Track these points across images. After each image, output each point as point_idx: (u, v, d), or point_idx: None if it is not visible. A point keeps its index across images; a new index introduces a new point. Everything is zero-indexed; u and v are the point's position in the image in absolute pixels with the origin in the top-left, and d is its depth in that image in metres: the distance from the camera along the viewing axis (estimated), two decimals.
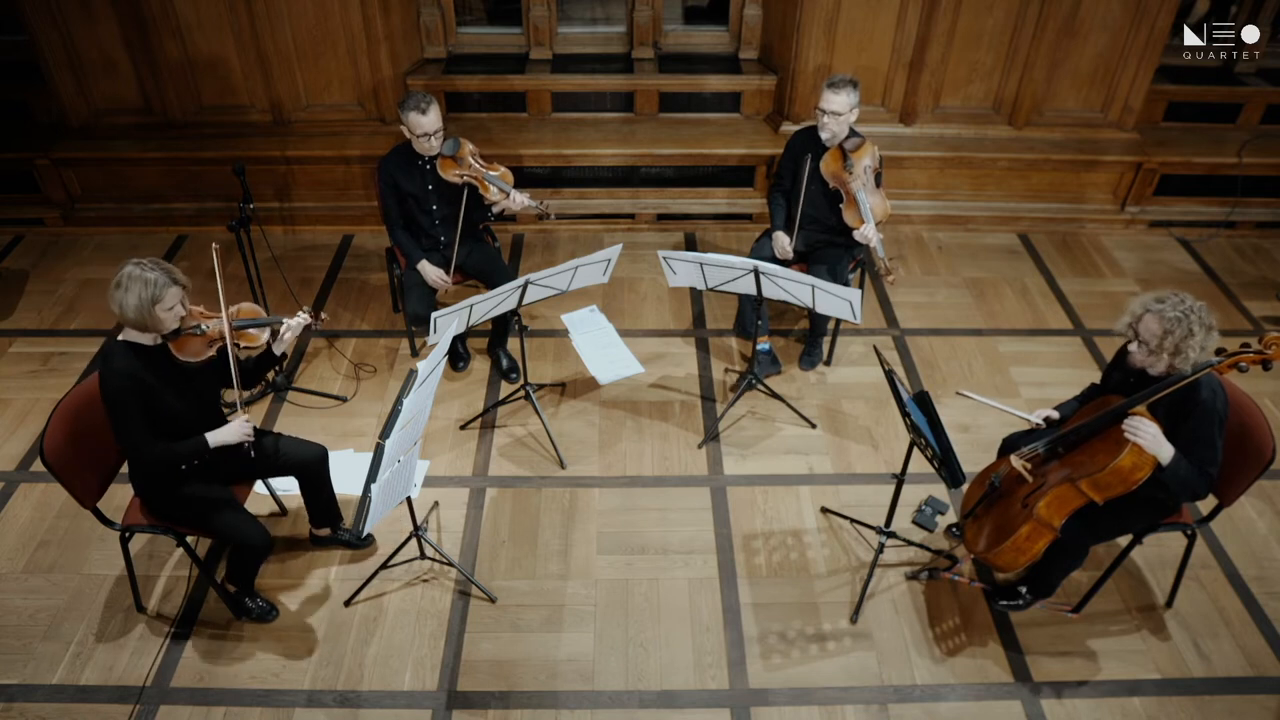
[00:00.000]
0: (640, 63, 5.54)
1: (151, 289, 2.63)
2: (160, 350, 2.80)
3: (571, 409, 4.10)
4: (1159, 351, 2.63)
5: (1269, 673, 3.06)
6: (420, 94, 3.82)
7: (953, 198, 5.43)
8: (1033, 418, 3.05)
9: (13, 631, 3.14)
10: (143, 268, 2.64)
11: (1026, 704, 2.95)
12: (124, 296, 2.63)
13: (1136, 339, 2.70)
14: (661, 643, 3.13)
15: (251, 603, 3.16)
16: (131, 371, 2.70)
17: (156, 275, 2.64)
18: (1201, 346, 2.59)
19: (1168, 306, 2.60)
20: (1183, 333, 2.57)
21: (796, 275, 3.48)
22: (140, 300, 2.63)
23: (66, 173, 5.21)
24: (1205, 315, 2.60)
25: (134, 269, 2.64)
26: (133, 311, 2.64)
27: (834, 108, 3.83)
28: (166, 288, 2.66)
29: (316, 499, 3.28)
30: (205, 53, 4.97)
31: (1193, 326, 2.57)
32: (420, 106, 3.78)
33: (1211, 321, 2.60)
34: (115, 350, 2.74)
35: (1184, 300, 2.61)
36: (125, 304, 2.63)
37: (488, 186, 3.95)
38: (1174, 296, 2.62)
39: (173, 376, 2.82)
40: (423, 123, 3.79)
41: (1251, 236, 5.45)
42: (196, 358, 2.83)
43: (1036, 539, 2.84)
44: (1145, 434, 2.60)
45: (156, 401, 2.76)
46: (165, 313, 2.69)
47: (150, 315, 2.66)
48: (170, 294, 2.67)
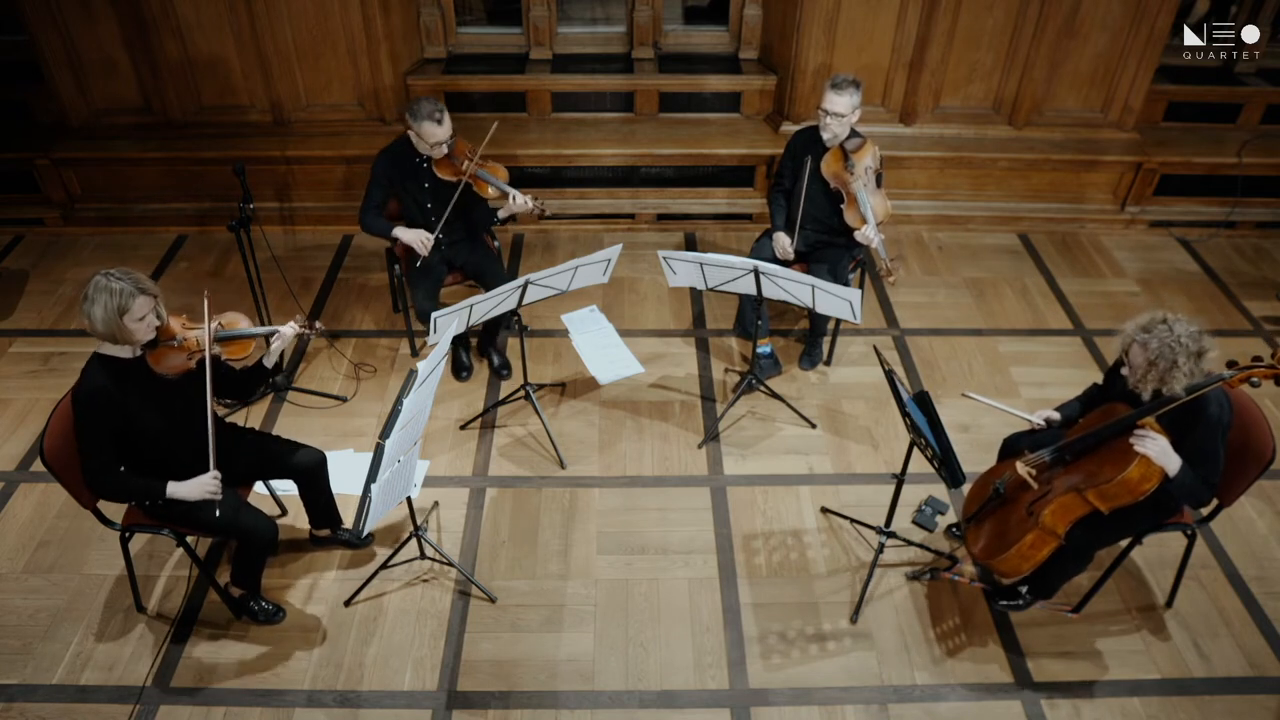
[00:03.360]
0: (640, 63, 5.54)
1: (118, 299, 2.53)
2: (138, 364, 2.72)
3: (571, 409, 4.10)
4: (1144, 381, 2.64)
5: (1269, 673, 3.06)
6: (432, 101, 3.77)
7: (953, 198, 5.43)
8: (1034, 418, 3.04)
9: (13, 631, 3.14)
10: (109, 278, 2.55)
11: (1026, 704, 2.95)
12: (90, 308, 2.54)
13: (1126, 363, 2.71)
14: (661, 643, 3.14)
15: (258, 605, 3.15)
16: (100, 388, 2.62)
17: (123, 285, 2.54)
18: (1189, 373, 2.56)
19: (1151, 337, 2.58)
20: (1166, 364, 2.56)
21: (796, 275, 3.48)
22: (107, 311, 2.53)
23: (66, 173, 5.21)
24: (1193, 342, 2.55)
25: (100, 279, 2.55)
26: (101, 324, 2.55)
27: (836, 108, 3.82)
28: (133, 297, 2.55)
29: (315, 503, 3.28)
30: (205, 53, 4.97)
31: (1177, 358, 2.54)
32: (435, 116, 3.74)
33: (1202, 346, 2.56)
34: (89, 366, 2.67)
35: (1171, 329, 2.56)
36: (93, 316, 2.55)
37: (484, 185, 3.94)
38: (1161, 325, 2.58)
39: (151, 391, 2.73)
40: (437, 133, 3.77)
41: (1251, 236, 5.45)
42: (174, 371, 2.74)
43: (1041, 546, 2.83)
44: (1154, 447, 2.60)
45: (131, 418, 2.68)
46: (135, 323, 2.59)
47: (119, 326, 2.57)
48: (138, 304, 2.57)
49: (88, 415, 2.64)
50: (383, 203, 4.02)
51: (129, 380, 2.69)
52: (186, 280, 4.91)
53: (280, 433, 3.70)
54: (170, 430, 2.79)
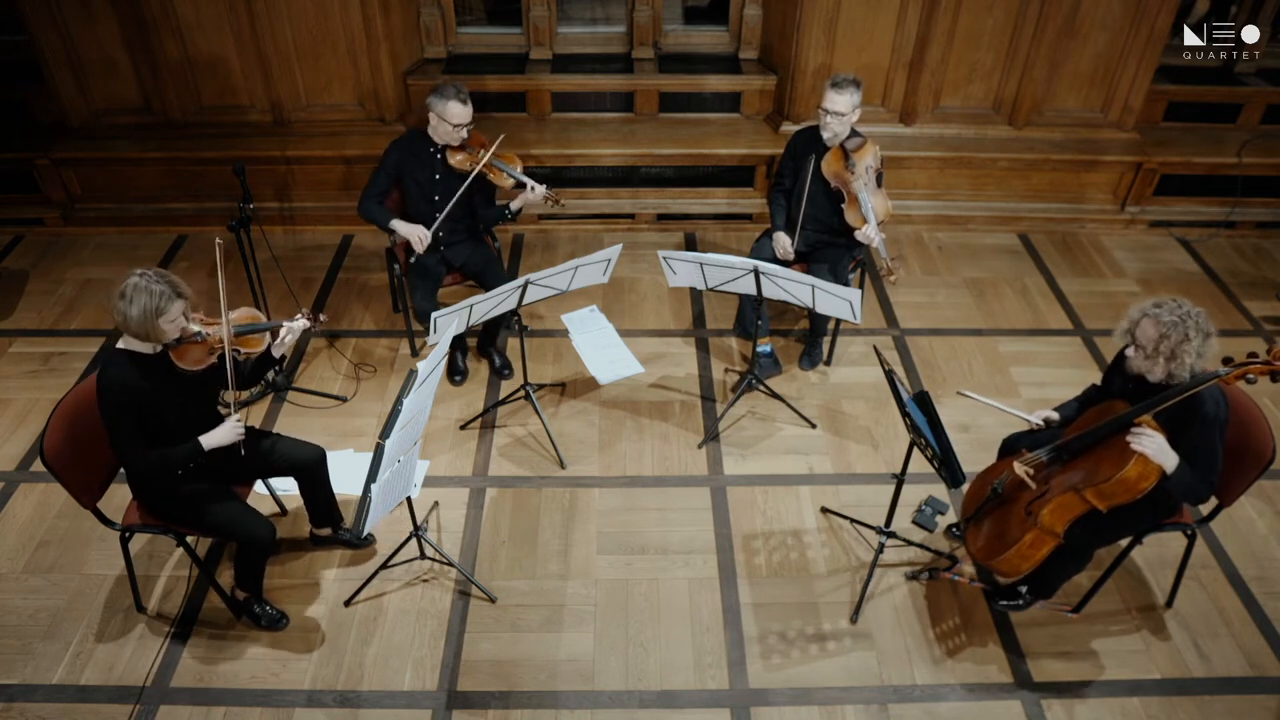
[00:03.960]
0: (640, 63, 5.54)
1: (156, 300, 2.62)
2: (160, 358, 2.80)
3: (571, 409, 4.10)
4: (1155, 356, 2.63)
5: (1269, 673, 3.06)
6: (457, 84, 3.79)
7: (953, 198, 5.43)
8: (1032, 418, 3.04)
9: (13, 631, 3.14)
10: (148, 279, 2.62)
11: (1026, 704, 2.95)
12: (128, 308, 2.61)
13: (1134, 343, 2.71)
14: (661, 643, 3.14)
15: (261, 609, 3.15)
16: (128, 381, 2.70)
17: (162, 288, 2.63)
18: (1198, 353, 2.58)
19: (1164, 311, 2.61)
20: (1179, 337, 2.57)
21: (796, 275, 3.48)
22: (144, 312, 2.61)
23: (66, 173, 5.21)
24: (1203, 321, 2.59)
25: (139, 280, 2.62)
26: (135, 323, 2.63)
27: (837, 107, 3.83)
28: (171, 301, 2.65)
29: (315, 499, 3.28)
30: (205, 53, 4.97)
31: (1189, 331, 2.56)
32: (461, 97, 3.77)
33: (1210, 328, 2.60)
34: (113, 359, 2.73)
35: (1181, 305, 2.60)
36: (129, 315, 2.62)
37: (500, 174, 3.91)
38: (1172, 302, 2.62)
39: (170, 384, 2.81)
40: (463, 113, 3.78)
41: (1251, 236, 5.45)
42: (197, 366, 2.82)
43: (1040, 546, 2.83)
44: (1151, 444, 2.60)
45: (153, 410, 2.75)
46: (168, 325, 2.68)
47: (153, 327, 2.65)
48: (175, 307, 2.67)
49: (118, 407, 2.70)
50: (386, 191, 4.00)
51: (151, 374, 2.77)
52: (187, 280, 4.89)
53: (280, 432, 3.71)
54: (188, 420, 2.86)
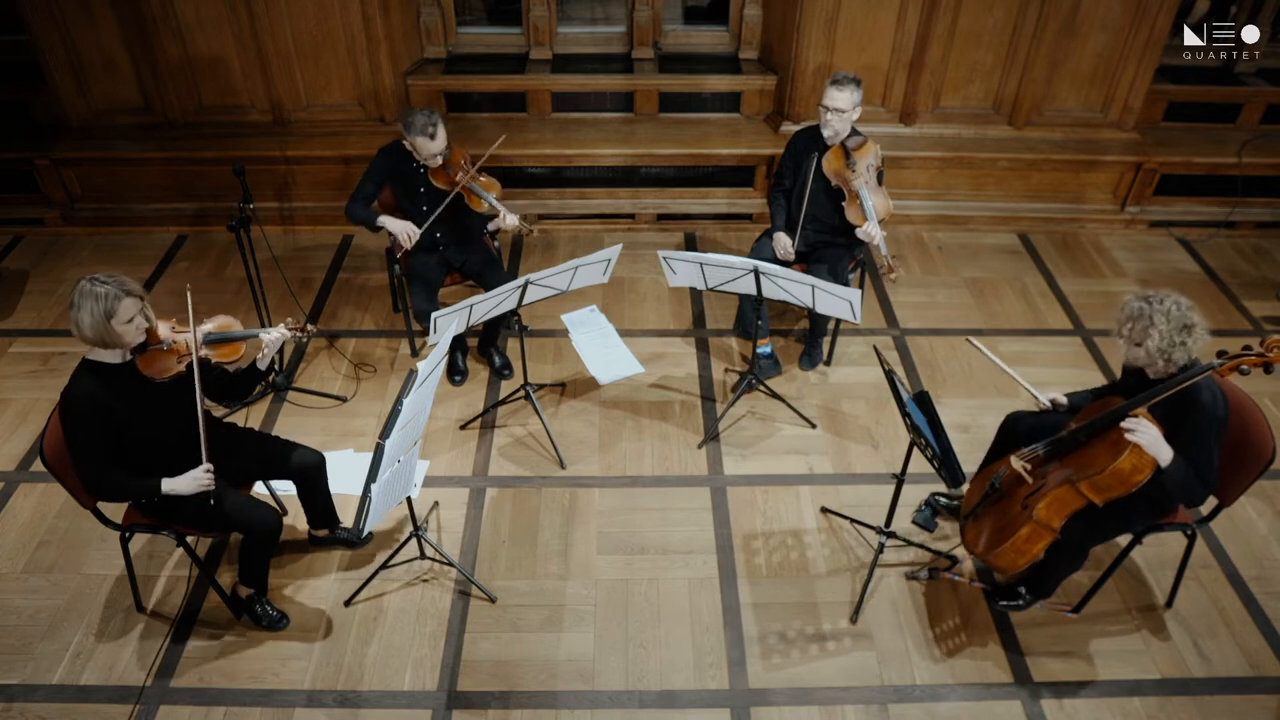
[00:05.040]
0: (640, 63, 5.54)
1: (104, 303, 2.52)
2: (128, 368, 2.71)
3: (571, 409, 4.10)
4: (1127, 342, 2.68)
5: (1269, 673, 3.06)
6: (425, 113, 3.73)
7: (953, 198, 5.43)
8: (1041, 398, 3.06)
9: (13, 631, 3.14)
10: (94, 282, 2.54)
11: (1026, 704, 2.95)
12: (78, 315, 2.53)
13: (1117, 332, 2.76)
14: (661, 643, 3.14)
15: (262, 609, 3.14)
16: (90, 394, 2.61)
17: (107, 289, 2.53)
18: (1172, 341, 2.58)
19: (1132, 298, 2.66)
20: (1144, 324, 2.60)
21: (796, 275, 3.48)
22: (94, 316, 2.52)
23: (66, 173, 5.21)
24: (1180, 312, 2.58)
25: (84, 284, 2.54)
26: (89, 329, 2.55)
27: (838, 104, 3.83)
28: (119, 299, 2.54)
29: (313, 504, 3.28)
30: (205, 53, 4.97)
31: (1153, 317, 2.58)
32: (429, 131, 3.72)
33: (1190, 320, 2.59)
34: (78, 372, 2.66)
35: (1160, 296, 2.62)
36: (80, 322, 2.54)
37: (476, 200, 3.95)
38: (1152, 293, 2.64)
39: (142, 395, 2.72)
40: (430, 147, 3.78)
41: (1251, 236, 5.45)
42: (164, 375, 2.73)
43: (1036, 540, 2.84)
44: (1145, 435, 2.60)
45: (124, 423, 2.68)
46: (124, 326, 2.58)
47: (108, 330, 2.56)
48: (124, 306, 2.56)
49: (76, 421, 2.63)
50: (373, 195, 4.03)
51: (118, 385, 2.68)
52: (187, 280, 4.90)
53: (280, 433, 3.71)
54: (163, 433, 2.79)
